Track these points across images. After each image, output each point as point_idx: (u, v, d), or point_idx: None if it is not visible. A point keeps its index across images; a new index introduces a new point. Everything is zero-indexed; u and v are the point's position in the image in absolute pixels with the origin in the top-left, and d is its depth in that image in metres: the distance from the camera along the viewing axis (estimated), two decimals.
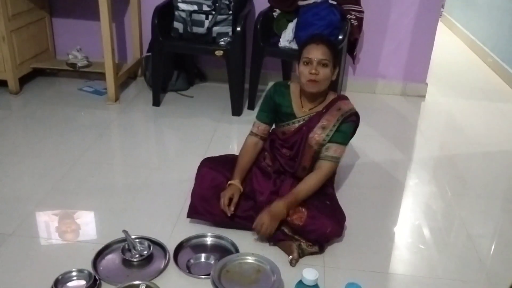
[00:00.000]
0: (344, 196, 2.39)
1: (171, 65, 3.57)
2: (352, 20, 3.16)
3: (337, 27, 3.03)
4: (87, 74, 3.71)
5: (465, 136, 3.30)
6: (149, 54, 3.58)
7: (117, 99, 3.45)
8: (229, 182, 2.08)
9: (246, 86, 3.40)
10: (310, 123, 2.05)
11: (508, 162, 3.01)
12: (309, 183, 2.02)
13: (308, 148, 2.06)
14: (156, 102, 3.43)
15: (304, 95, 2.09)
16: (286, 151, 2.14)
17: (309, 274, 1.58)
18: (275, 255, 1.97)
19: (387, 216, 2.37)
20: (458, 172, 2.83)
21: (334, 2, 3.08)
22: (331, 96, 2.09)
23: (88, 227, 2.21)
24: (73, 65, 3.60)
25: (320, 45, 1.97)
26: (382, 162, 2.86)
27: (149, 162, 2.80)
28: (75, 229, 2.19)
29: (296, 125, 2.08)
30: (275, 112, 2.14)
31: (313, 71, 1.95)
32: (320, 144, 2.04)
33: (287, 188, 2.08)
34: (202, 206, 2.12)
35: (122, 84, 3.61)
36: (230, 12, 3.20)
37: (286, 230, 1.99)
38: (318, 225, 1.95)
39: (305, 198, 2.00)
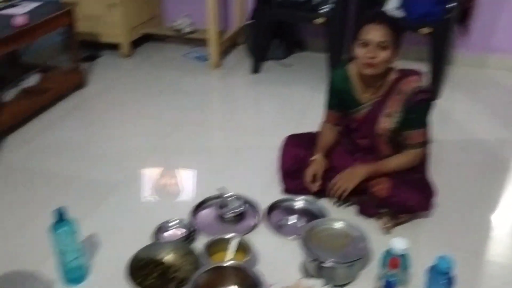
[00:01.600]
0: (441, 172, 2.27)
1: (271, 34, 3.60)
2: None
3: None
4: (192, 40, 3.86)
5: None
6: (251, 22, 3.63)
7: (219, 65, 3.57)
8: (311, 158, 2.07)
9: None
10: (374, 111, 1.95)
11: None
12: (397, 160, 1.95)
13: (380, 137, 1.97)
14: (256, 70, 3.49)
15: (362, 78, 1.96)
16: (361, 141, 2.06)
17: (398, 243, 1.55)
18: (364, 223, 1.97)
19: (486, 197, 2.24)
20: None
21: None
22: (392, 76, 1.92)
23: (188, 182, 2.35)
24: (179, 31, 3.76)
25: (380, 25, 1.79)
26: (488, 140, 2.68)
27: (247, 127, 2.88)
28: (176, 183, 2.34)
29: (362, 112, 1.99)
30: (341, 98, 2.05)
31: (370, 54, 1.81)
32: (391, 131, 1.94)
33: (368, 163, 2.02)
34: (291, 182, 2.16)
35: (224, 51, 3.71)
36: None
37: (373, 204, 1.96)
38: (403, 197, 1.89)
39: (388, 172, 1.93)
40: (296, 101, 3.12)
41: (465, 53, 3.55)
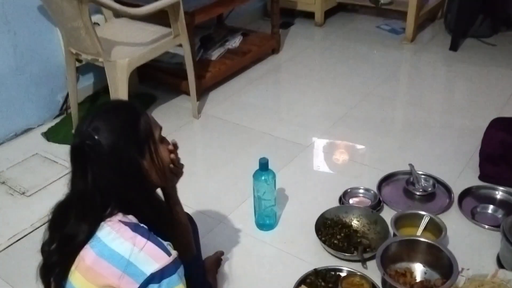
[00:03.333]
0: None
1: (477, 8, 3.29)
2: None
3: None
4: (386, 12, 3.74)
5: None
6: None
7: (413, 39, 3.41)
8: None
9: None
10: None
11: None
12: None
13: None
14: (454, 47, 3.25)
15: None
16: None
17: None
18: None
19: None
20: None
21: None
22: None
23: (373, 154, 2.32)
24: (376, 1, 3.67)
25: None
26: None
27: (438, 105, 2.74)
28: (361, 153, 2.33)
29: None
30: None
31: None
32: None
33: None
34: (491, 169, 2.00)
35: (420, 26, 3.53)
36: None
37: None
38: None
39: None
40: (497, 84, 2.84)
41: None
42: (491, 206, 1.89)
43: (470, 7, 3.14)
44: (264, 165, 1.68)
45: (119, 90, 2.18)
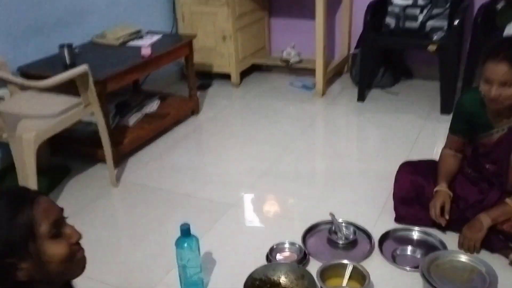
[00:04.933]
0: None
1: (378, 62, 3.57)
2: None
3: None
4: (297, 70, 3.94)
5: None
6: (357, 51, 3.64)
7: (324, 93, 3.60)
8: (435, 189, 1.98)
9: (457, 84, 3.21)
10: (510, 136, 1.82)
11: None
12: None
13: None
14: (361, 98, 3.47)
15: None
16: (490, 166, 1.93)
17: None
18: (492, 258, 1.84)
19: None
20: None
21: None
22: None
23: (297, 206, 2.36)
24: (286, 61, 3.87)
25: (502, 62, 1.67)
26: None
27: (353, 153, 2.88)
28: (286, 206, 2.36)
29: (495, 136, 1.86)
30: (470, 123, 1.93)
31: (493, 94, 1.70)
32: None
33: (493, 198, 1.91)
34: (405, 211, 2.09)
35: (329, 80, 3.74)
36: (447, 5, 3.06)
37: (501, 237, 1.85)
38: None
39: None
40: (404, 130, 3.04)
41: None
42: (410, 247, 1.97)
43: (372, 61, 3.39)
44: (185, 231, 1.65)
45: (26, 166, 2.07)
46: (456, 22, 2.96)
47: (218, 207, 2.34)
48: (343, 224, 2.08)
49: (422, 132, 2.98)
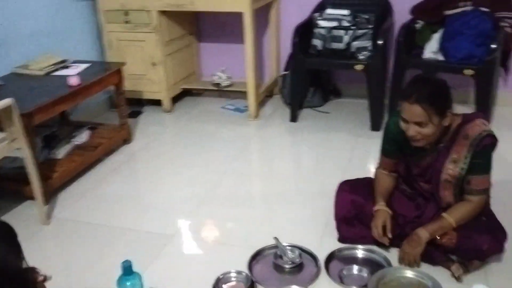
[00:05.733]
0: (505, 216, 2.19)
1: (308, 82, 3.66)
2: (506, 28, 2.96)
3: (488, 36, 2.87)
4: (228, 93, 3.95)
5: None
6: (286, 72, 3.71)
7: (257, 115, 3.62)
8: (375, 208, 2.02)
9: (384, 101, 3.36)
10: (440, 158, 1.88)
11: None
12: (457, 214, 1.87)
13: (445, 184, 1.89)
14: (293, 118, 3.53)
15: None
16: (424, 184, 2.00)
17: None
18: (433, 271, 1.90)
19: None
20: None
21: (486, 9, 2.92)
22: (456, 121, 1.85)
23: (239, 232, 2.33)
24: (217, 85, 3.86)
25: (413, 105, 1.72)
26: None
27: (289, 174, 2.90)
28: (228, 233, 2.33)
29: (427, 158, 1.92)
30: (399, 145, 1.97)
31: (411, 134, 1.78)
32: (457, 178, 1.86)
33: (430, 213, 1.98)
34: (348, 230, 2.12)
35: (261, 102, 3.78)
36: (370, 26, 3.21)
37: (441, 251, 1.91)
38: (473, 243, 1.84)
39: (452, 227, 1.86)
40: (337, 148, 3.12)
41: (508, 92, 3.52)
42: (356, 267, 1.99)
43: (301, 82, 3.47)
44: (127, 269, 1.57)
45: None
46: (379, 42, 3.10)
47: (158, 238, 2.26)
48: (288, 248, 2.08)
49: (355, 150, 3.08)
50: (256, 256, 2.07)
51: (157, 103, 3.78)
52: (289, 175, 2.89)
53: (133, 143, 3.28)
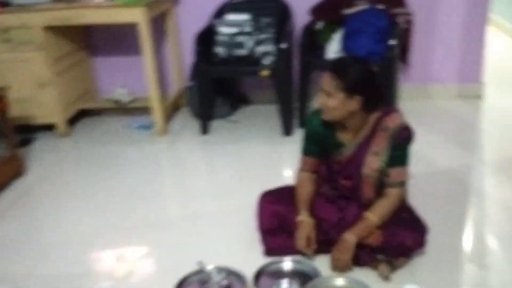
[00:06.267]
0: (420, 209, 2.20)
1: (214, 92, 3.53)
2: (401, 24, 3.06)
3: (386, 32, 2.94)
4: (131, 110, 3.70)
5: None
6: (192, 83, 3.55)
7: (164, 132, 3.41)
8: (298, 219, 1.96)
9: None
10: (361, 151, 1.89)
11: None
12: (379, 211, 1.87)
13: (366, 178, 1.90)
14: (204, 131, 3.38)
15: (341, 121, 1.89)
16: (346, 182, 1.98)
17: None
18: (364, 275, 1.85)
19: (469, 227, 2.23)
20: None
21: (382, 7, 2.99)
22: (375, 114, 1.88)
23: (160, 260, 2.13)
24: (118, 102, 3.60)
25: (326, 73, 1.80)
26: (451, 168, 2.71)
27: (206, 191, 2.72)
28: (148, 263, 2.11)
29: (347, 154, 1.93)
30: (320, 143, 1.98)
31: (319, 100, 1.84)
32: (378, 171, 1.88)
33: (353, 213, 1.96)
34: (273, 242, 2.04)
35: (168, 117, 3.58)
36: (272, 30, 3.15)
37: (367, 252, 1.88)
38: (397, 240, 1.84)
39: (376, 225, 1.86)
40: (252, 157, 3.02)
41: (408, 86, 3.66)
42: (286, 280, 1.88)
43: (208, 92, 3.33)
44: None
45: None
46: (283, 46, 3.05)
47: (67, 280, 1.98)
48: (214, 270, 1.91)
49: (270, 157, 3.00)
50: (181, 285, 1.88)
51: (50, 127, 3.43)
52: (206, 192, 2.71)
53: (27, 175, 2.92)
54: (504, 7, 5.74)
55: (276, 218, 2.02)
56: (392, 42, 2.90)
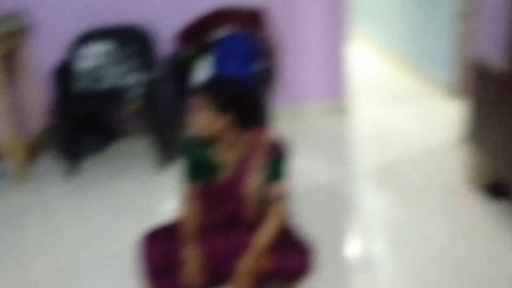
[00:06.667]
0: (303, 227, 2.19)
1: (80, 128, 3.24)
2: (266, 46, 3.08)
3: (253, 56, 2.94)
4: None
5: (398, 140, 3.32)
6: (53, 122, 3.22)
7: (25, 179, 3.04)
8: (185, 253, 1.85)
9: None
10: (239, 171, 1.88)
11: (440, 156, 3.04)
12: (265, 235, 1.84)
13: (248, 198, 1.88)
14: (74, 171, 3.08)
15: (217, 142, 1.88)
16: (228, 205, 1.94)
17: None
18: None
19: (353, 238, 2.28)
20: (401, 179, 2.80)
21: (245, 31, 2.98)
22: (250, 134, 1.89)
23: None
24: None
25: (200, 90, 1.81)
26: (329, 182, 2.77)
27: (82, 241, 2.44)
28: None
29: (226, 176, 1.90)
30: (200, 168, 1.92)
31: (194, 117, 1.82)
32: (257, 190, 1.87)
33: (241, 239, 1.89)
34: (163, 283, 1.88)
35: (29, 162, 3.20)
36: (137, 59, 2.99)
37: (259, 280, 1.82)
38: (285, 264, 1.82)
39: (268, 246, 1.83)
40: (130, 194, 2.82)
41: (282, 106, 3.71)
42: None
43: (72, 130, 3.06)
44: None
45: None
46: (151, 76, 2.90)
47: None
48: None
49: (146, 193, 2.82)
50: None
51: None
52: (82, 243, 2.42)
53: None
54: (370, 24, 6.22)
55: (164, 257, 1.88)
56: (257, 64, 2.91)
